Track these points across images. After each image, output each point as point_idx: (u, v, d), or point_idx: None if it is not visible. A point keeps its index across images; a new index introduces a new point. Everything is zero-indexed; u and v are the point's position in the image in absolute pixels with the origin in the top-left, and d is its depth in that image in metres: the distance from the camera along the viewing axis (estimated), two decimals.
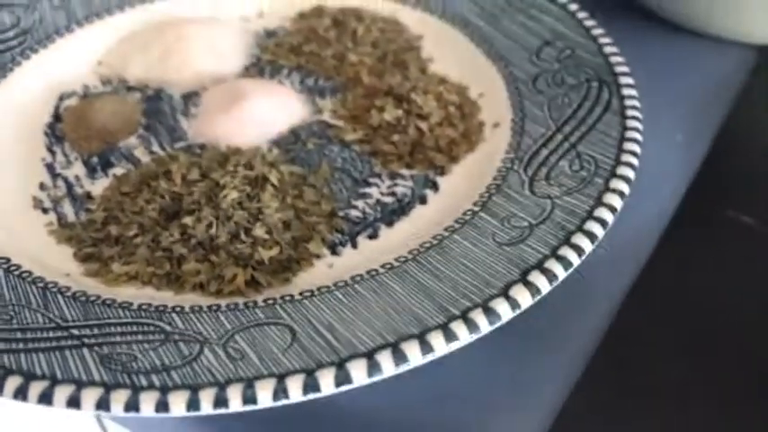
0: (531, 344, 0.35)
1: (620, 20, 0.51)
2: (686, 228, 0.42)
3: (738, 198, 0.43)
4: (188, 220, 0.36)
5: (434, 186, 0.41)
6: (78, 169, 0.43)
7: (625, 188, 0.36)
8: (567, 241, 0.33)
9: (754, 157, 0.47)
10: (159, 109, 0.47)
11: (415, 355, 0.29)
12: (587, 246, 0.33)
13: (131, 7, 0.53)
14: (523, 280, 0.32)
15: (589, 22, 0.47)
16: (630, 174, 0.36)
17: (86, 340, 0.31)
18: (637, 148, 0.38)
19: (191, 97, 0.48)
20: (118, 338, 0.31)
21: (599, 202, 0.35)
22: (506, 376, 0.34)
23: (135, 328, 0.32)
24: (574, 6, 0.48)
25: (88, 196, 0.41)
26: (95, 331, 0.31)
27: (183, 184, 0.38)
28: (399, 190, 0.41)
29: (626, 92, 0.41)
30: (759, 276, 0.39)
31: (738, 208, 0.42)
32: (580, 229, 0.34)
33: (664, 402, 0.34)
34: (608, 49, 0.45)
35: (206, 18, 0.53)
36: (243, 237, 0.36)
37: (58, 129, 0.45)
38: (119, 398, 0.27)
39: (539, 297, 0.31)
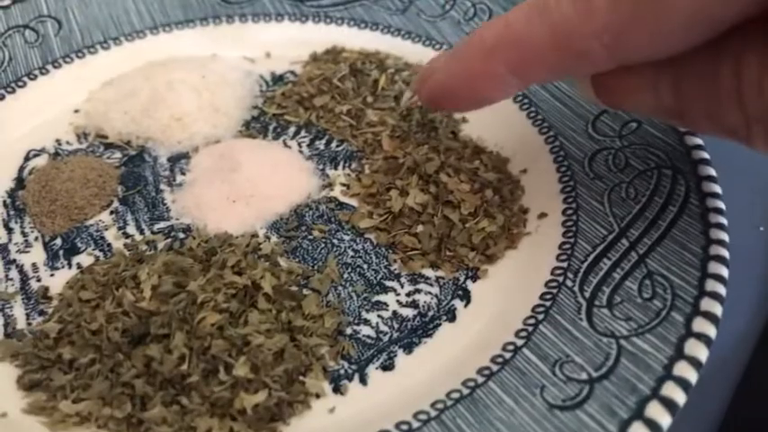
0: None
1: None
2: None
3: None
4: (155, 349, 0.28)
5: (465, 296, 0.33)
6: (37, 254, 0.35)
7: (712, 332, 0.28)
8: (639, 414, 0.25)
9: None
10: (140, 175, 0.39)
11: None
12: (665, 420, 0.25)
13: (118, 44, 0.46)
14: None
15: None
16: (718, 310, 0.28)
17: None
18: (725, 272, 0.30)
19: (178, 160, 0.40)
20: None
21: (679, 353, 0.27)
22: None
23: None
24: None
25: (45, 294, 0.33)
26: None
27: (153, 297, 0.30)
28: (422, 299, 0.33)
29: (707, 187, 0.33)
30: None
31: None
32: (656, 394, 0.26)
33: None
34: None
35: (204, 57, 0.46)
36: (222, 375, 0.28)
37: (20, 197, 0.38)
38: None
39: None
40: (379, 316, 0.33)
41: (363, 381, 0.30)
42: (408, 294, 0.34)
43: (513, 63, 0.26)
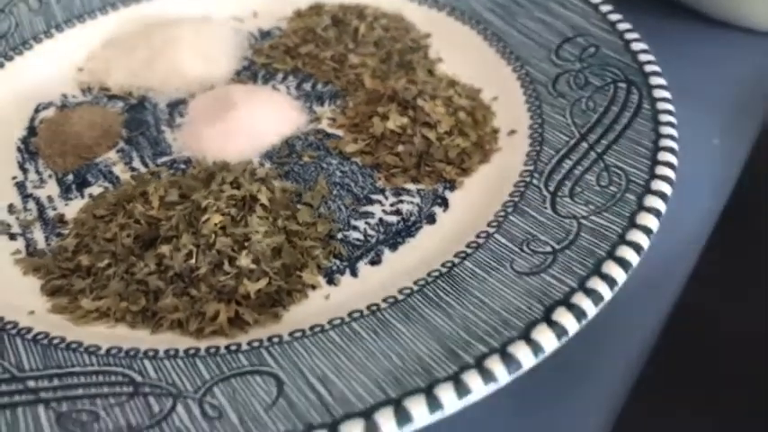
0: (564, 378, 0.30)
1: (646, 13, 0.46)
2: (727, 242, 0.37)
3: None
4: (165, 248, 0.32)
5: (444, 203, 0.37)
6: (52, 189, 0.39)
7: (661, 206, 0.31)
8: (596, 271, 0.29)
9: None
10: (142, 119, 0.43)
11: (421, 414, 0.24)
12: (620, 275, 0.29)
13: (115, 9, 0.49)
14: (547, 319, 0.27)
15: (614, 16, 0.42)
16: (667, 189, 0.32)
17: (43, 394, 0.27)
18: (673, 159, 0.33)
19: (177, 106, 0.43)
20: (80, 391, 0.27)
21: (632, 224, 0.30)
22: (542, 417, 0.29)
23: (101, 379, 0.28)
24: None
25: (61, 219, 0.37)
26: (55, 383, 0.27)
27: (161, 206, 0.33)
28: (405, 208, 0.37)
29: (657, 94, 0.37)
30: None
31: None
32: (611, 255, 0.29)
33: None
34: (635, 46, 0.40)
35: (196, 19, 0.49)
36: (226, 267, 0.31)
37: (32, 143, 0.41)
38: None
39: (565, 339, 0.27)
40: (366, 223, 0.36)
41: (354, 274, 0.33)
42: (392, 205, 0.37)
43: None
